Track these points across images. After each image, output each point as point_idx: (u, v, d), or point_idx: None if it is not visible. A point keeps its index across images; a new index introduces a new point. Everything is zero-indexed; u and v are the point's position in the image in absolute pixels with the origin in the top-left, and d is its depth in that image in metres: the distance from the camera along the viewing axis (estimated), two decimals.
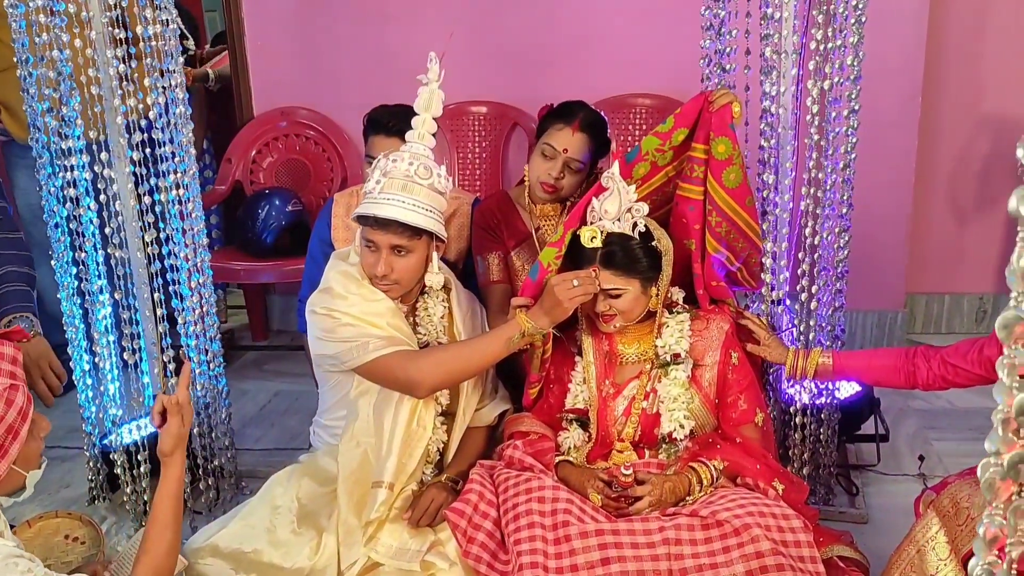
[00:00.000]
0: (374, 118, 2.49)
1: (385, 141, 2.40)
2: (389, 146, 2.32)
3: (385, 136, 2.42)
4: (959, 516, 1.83)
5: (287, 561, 2.06)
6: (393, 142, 2.34)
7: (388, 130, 2.41)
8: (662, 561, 1.83)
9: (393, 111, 2.43)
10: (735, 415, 2.09)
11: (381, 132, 2.44)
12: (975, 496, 1.82)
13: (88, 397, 2.56)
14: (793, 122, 2.25)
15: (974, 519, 1.79)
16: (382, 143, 2.40)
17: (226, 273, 3.59)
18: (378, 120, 2.47)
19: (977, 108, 3.61)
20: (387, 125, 2.42)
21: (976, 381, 1.98)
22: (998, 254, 3.78)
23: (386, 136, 2.42)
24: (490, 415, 2.31)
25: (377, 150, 2.37)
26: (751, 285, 2.25)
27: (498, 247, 2.49)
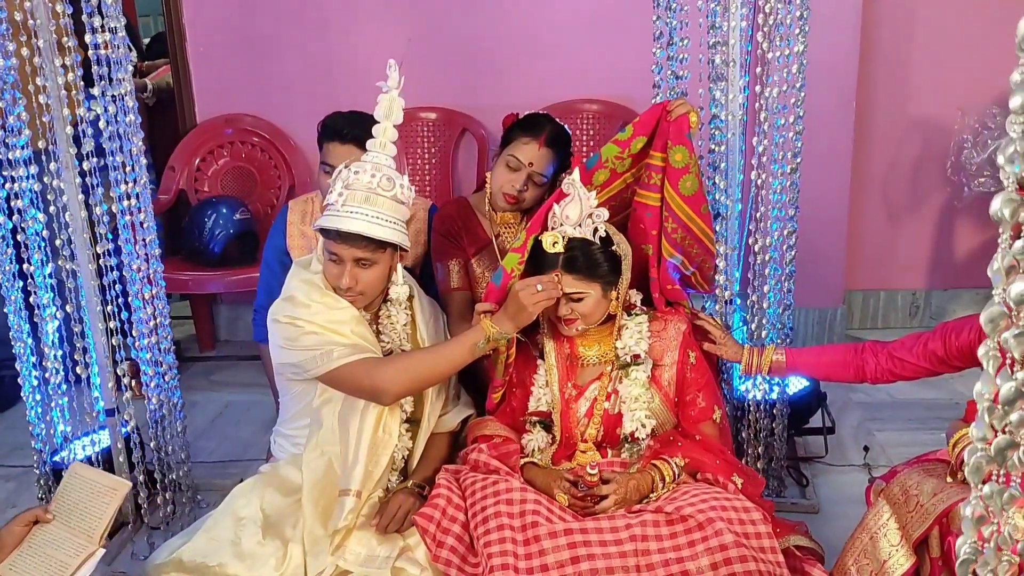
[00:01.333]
0: (328, 125, 2.48)
1: (340, 148, 2.39)
2: (344, 153, 2.32)
3: (340, 143, 2.41)
4: (908, 503, 1.91)
5: (253, 573, 2.03)
6: (348, 149, 2.34)
7: (343, 137, 2.40)
8: (630, 557, 1.87)
9: (348, 118, 2.42)
10: (694, 413, 2.15)
11: (335, 139, 2.43)
12: (923, 483, 1.91)
13: (38, 413, 2.49)
14: (741, 128, 2.32)
15: (923, 505, 1.87)
16: (337, 150, 2.40)
17: (173, 283, 3.51)
18: (332, 127, 2.46)
19: (907, 113, 3.77)
20: (342, 132, 2.41)
21: (921, 373, 2.08)
22: (929, 251, 3.95)
23: (341, 143, 2.41)
24: (453, 421, 2.33)
25: (332, 157, 2.37)
26: (704, 288, 2.32)
27: (458, 254, 2.51)
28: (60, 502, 1.92)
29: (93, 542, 1.84)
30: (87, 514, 1.89)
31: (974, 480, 0.68)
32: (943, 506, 1.83)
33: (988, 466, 0.66)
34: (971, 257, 3.91)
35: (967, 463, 0.70)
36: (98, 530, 1.86)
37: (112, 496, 1.89)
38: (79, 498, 1.92)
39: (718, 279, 2.36)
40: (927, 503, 1.86)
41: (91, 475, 1.97)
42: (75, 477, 1.96)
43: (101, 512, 1.88)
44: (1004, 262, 0.65)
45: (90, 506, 1.90)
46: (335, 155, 2.39)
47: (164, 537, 2.38)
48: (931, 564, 1.90)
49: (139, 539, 2.49)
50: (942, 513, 1.83)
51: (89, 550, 1.83)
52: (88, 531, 1.86)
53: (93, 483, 1.93)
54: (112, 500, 1.89)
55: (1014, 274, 0.64)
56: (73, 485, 1.94)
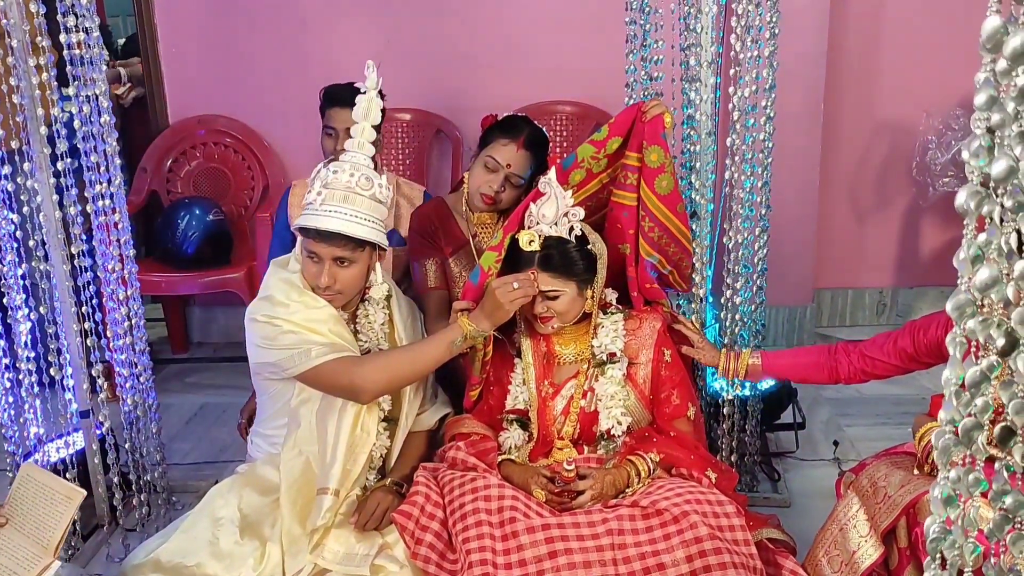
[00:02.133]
0: (330, 93, 2.63)
1: (343, 112, 2.49)
2: (344, 117, 2.43)
3: (341, 107, 2.53)
4: (877, 495, 1.96)
5: (231, 573, 2.03)
6: (348, 113, 2.39)
7: (344, 102, 2.48)
8: (607, 551, 1.90)
9: (347, 86, 2.50)
10: (669, 410, 2.18)
11: (337, 104, 2.56)
12: (891, 475, 1.95)
13: (10, 415, 2.47)
14: (713, 128, 2.36)
15: (890, 496, 1.92)
16: (340, 115, 2.54)
17: (147, 285, 3.47)
18: (335, 94, 2.60)
19: (874, 114, 3.84)
20: (344, 97, 2.48)
21: (892, 371, 2.13)
22: (896, 250, 4.03)
23: (341, 107, 2.54)
24: (431, 419, 2.34)
25: (336, 122, 2.55)
26: (682, 287, 2.35)
27: (435, 253, 2.53)
28: (13, 504, 1.88)
29: (48, 553, 1.81)
30: (41, 522, 1.85)
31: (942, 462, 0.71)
32: (910, 497, 1.88)
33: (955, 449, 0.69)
34: (936, 255, 3.99)
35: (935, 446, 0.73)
36: (53, 540, 1.83)
37: (67, 505, 1.86)
38: (33, 503, 1.87)
39: (692, 277, 2.40)
40: (894, 494, 1.91)
41: (44, 479, 1.92)
42: (28, 480, 1.91)
43: (56, 521, 1.84)
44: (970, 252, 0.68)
45: (44, 513, 1.86)
46: (339, 119, 2.56)
47: (139, 539, 2.37)
48: (899, 554, 1.95)
49: (114, 541, 2.48)
50: (909, 504, 1.87)
51: (44, 562, 1.79)
52: (43, 540, 1.82)
53: (47, 488, 1.89)
54: (67, 509, 1.85)
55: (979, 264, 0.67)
56: (26, 487, 1.90)
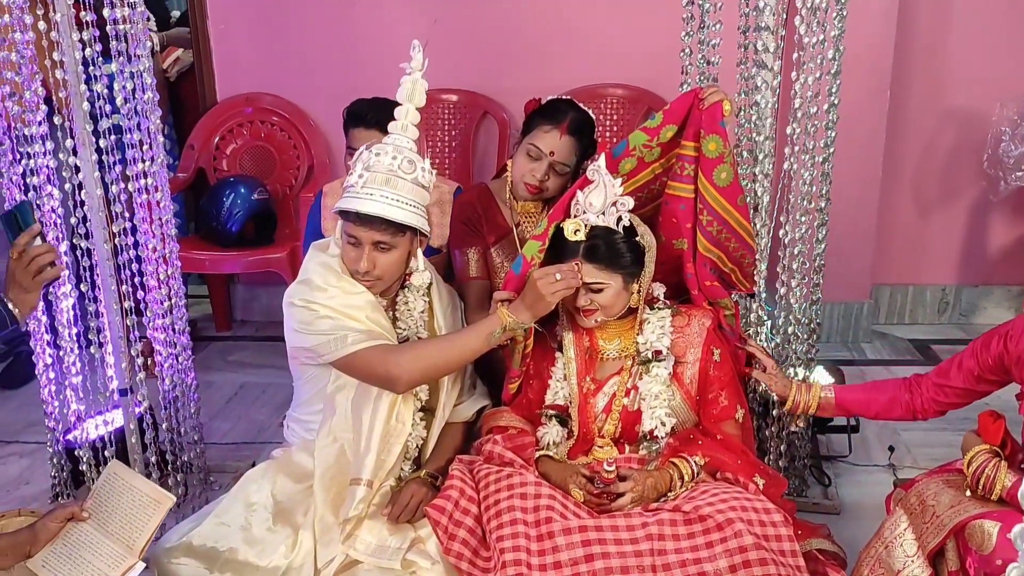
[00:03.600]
0: (353, 111, 2.51)
1: (365, 133, 2.40)
2: (370, 138, 2.31)
3: (365, 128, 2.44)
4: (925, 514, 1.88)
5: (263, 559, 2.02)
6: (373, 134, 2.34)
7: (367, 122, 2.42)
8: (646, 557, 1.83)
9: (371, 103, 2.45)
10: (716, 411, 2.09)
11: (360, 125, 2.47)
12: (941, 495, 1.87)
13: (51, 392, 2.48)
14: (773, 115, 2.25)
15: (939, 516, 1.84)
16: (362, 135, 2.42)
17: (191, 263, 3.49)
18: (357, 113, 2.49)
19: (943, 102, 3.67)
20: (366, 117, 2.43)
21: (964, 397, 2.03)
22: (960, 246, 3.86)
23: (366, 128, 2.44)
24: (468, 411, 2.29)
25: (359, 143, 2.37)
26: (745, 287, 2.23)
27: (478, 242, 2.46)
28: (97, 501, 1.87)
29: (133, 555, 1.79)
30: (127, 522, 1.83)
31: None
32: (959, 519, 1.80)
33: None
34: (1005, 253, 3.82)
35: None
36: (139, 543, 1.81)
37: (156, 509, 1.84)
38: (118, 502, 1.86)
39: None
40: (943, 514, 1.84)
41: (132, 480, 1.90)
42: (114, 478, 1.89)
43: (143, 524, 1.82)
44: None
45: (130, 514, 1.84)
46: (360, 140, 2.41)
47: (176, 518, 2.36)
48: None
49: None
50: (957, 526, 1.79)
51: (129, 562, 1.78)
52: (128, 541, 1.81)
53: (135, 490, 1.87)
54: (156, 513, 1.84)
55: None
56: (112, 485, 1.88)
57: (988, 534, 1.74)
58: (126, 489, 1.86)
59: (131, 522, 1.82)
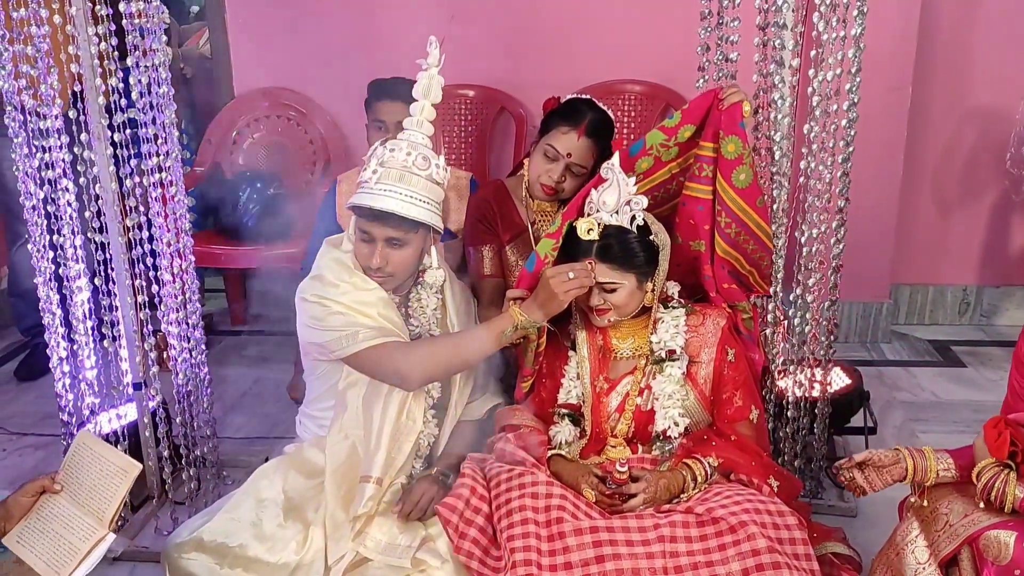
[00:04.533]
0: (379, 84, 2.54)
1: (391, 106, 2.43)
2: (395, 111, 2.35)
3: (390, 101, 2.46)
4: (938, 522, 1.85)
5: (273, 556, 2.02)
6: (398, 107, 2.36)
7: (392, 95, 2.43)
8: (657, 559, 1.81)
9: (396, 78, 2.44)
10: (730, 412, 2.07)
11: (385, 97, 2.48)
12: (954, 503, 1.84)
13: (65, 385, 2.48)
14: (792, 114, 2.22)
15: (952, 525, 1.81)
16: (387, 107, 2.47)
17: (206, 257, 3.51)
18: (383, 86, 2.52)
19: (965, 100, 3.62)
20: (391, 91, 2.43)
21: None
22: (982, 246, 3.81)
23: (391, 101, 2.46)
24: (481, 409, 2.28)
25: (383, 114, 2.45)
26: (763, 289, 2.20)
27: (492, 240, 2.45)
28: (68, 473, 1.86)
29: (103, 525, 1.78)
30: (96, 493, 1.82)
31: None
32: (972, 530, 1.77)
33: None
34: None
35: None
36: (108, 513, 1.80)
37: (122, 478, 1.82)
38: (88, 473, 1.84)
39: None
40: (956, 523, 1.81)
41: (100, 449, 1.88)
42: (83, 448, 1.88)
43: (111, 494, 1.81)
44: None
45: (99, 484, 1.82)
46: (386, 112, 2.47)
47: (188, 513, 2.37)
48: None
49: (163, 514, 2.48)
50: (970, 536, 1.76)
51: (99, 534, 1.77)
52: (97, 512, 1.80)
53: (103, 459, 1.85)
54: (122, 482, 1.82)
55: None
56: (81, 456, 1.87)
57: (1004, 544, 1.71)
58: (94, 459, 1.84)
59: (100, 492, 1.81)
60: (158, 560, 2.21)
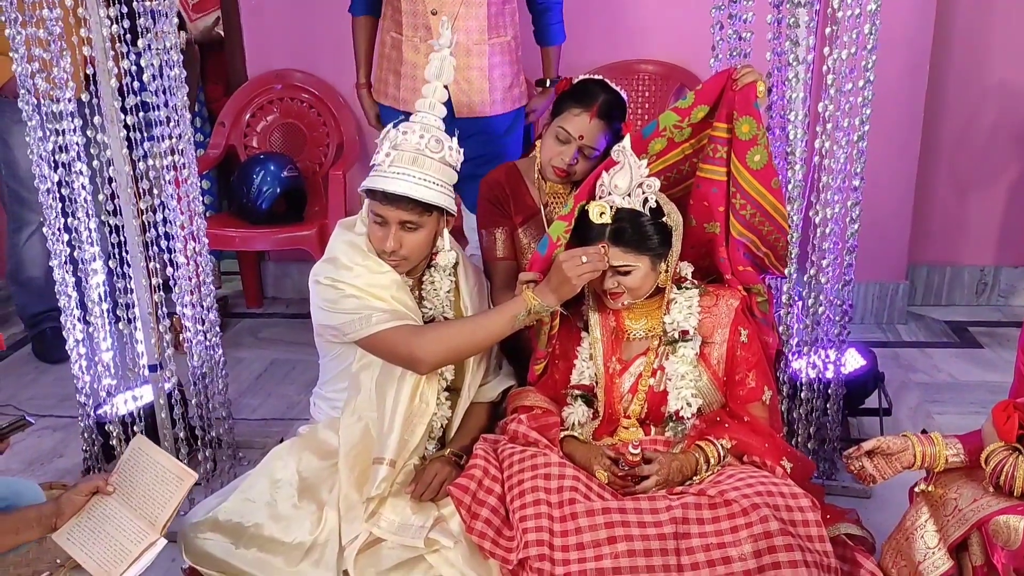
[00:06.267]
0: None
1: None
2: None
3: None
4: (947, 507, 1.84)
5: (288, 535, 2.03)
6: None
7: None
8: (669, 540, 1.81)
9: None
10: (743, 393, 2.06)
11: None
12: (963, 488, 1.83)
13: (82, 367, 2.51)
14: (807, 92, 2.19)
15: (961, 511, 1.80)
16: None
17: (221, 240, 3.52)
18: None
19: (983, 78, 3.57)
20: None
21: None
22: (1000, 226, 3.76)
23: None
24: (494, 391, 2.28)
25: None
26: (778, 270, 2.19)
27: (505, 222, 2.44)
28: (122, 476, 1.87)
29: (155, 531, 1.80)
30: (150, 498, 1.83)
31: None
32: (982, 514, 1.76)
33: None
34: None
35: None
36: (161, 519, 1.81)
37: (178, 486, 1.84)
38: (142, 478, 1.86)
39: None
40: (966, 508, 1.80)
41: (156, 456, 1.90)
42: (139, 453, 1.90)
43: (165, 500, 1.82)
44: None
45: (153, 490, 1.84)
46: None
47: (204, 493, 2.39)
48: (974, 572, 1.82)
49: None
50: (980, 521, 1.76)
51: (151, 538, 1.78)
52: (150, 517, 1.81)
53: (159, 466, 1.87)
54: (178, 490, 1.83)
55: None
56: (136, 461, 1.89)
57: (1014, 529, 1.70)
58: (150, 465, 1.87)
59: (154, 498, 1.83)
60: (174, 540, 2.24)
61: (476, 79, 2.74)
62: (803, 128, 2.20)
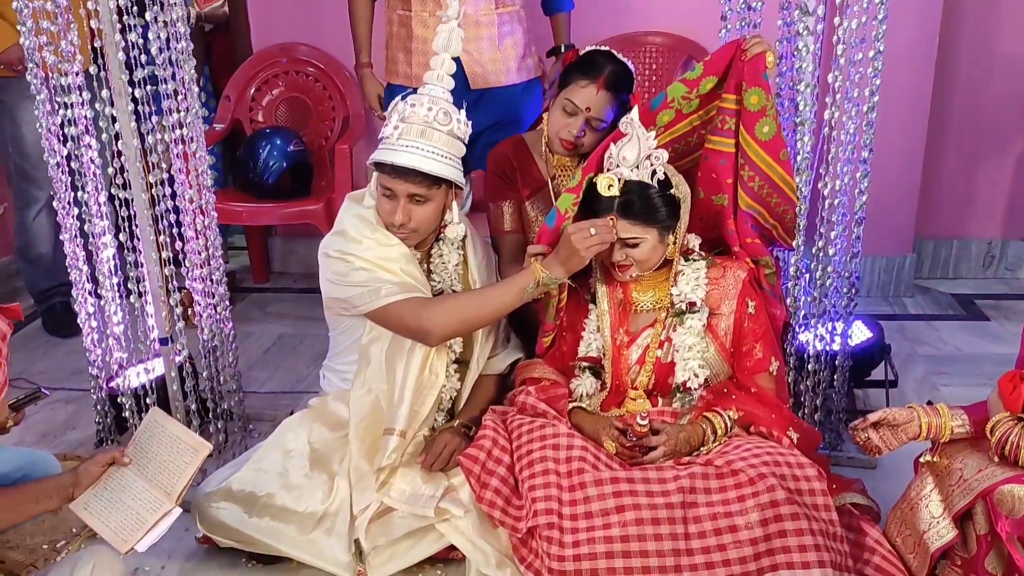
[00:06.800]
0: None
1: None
2: None
3: None
4: (952, 476, 1.86)
5: (300, 505, 2.07)
6: None
7: None
8: (676, 509, 1.83)
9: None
10: (750, 364, 2.07)
11: None
12: (968, 458, 1.85)
13: (94, 340, 2.53)
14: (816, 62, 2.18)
15: (966, 480, 1.82)
16: None
17: (228, 215, 3.52)
18: None
19: (993, 50, 3.54)
20: None
21: None
22: (1008, 199, 3.75)
23: None
24: (502, 364, 2.30)
25: None
26: (786, 243, 2.19)
27: (512, 195, 2.44)
28: (137, 447, 1.90)
29: (171, 500, 1.82)
30: (165, 468, 1.85)
31: None
32: (987, 483, 1.78)
33: None
34: None
35: None
36: (176, 489, 1.83)
37: (193, 456, 1.86)
38: (158, 449, 1.88)
39: None
40: (971, 478, 1.82)
41: (171, 427, 1.92)
42: (154, 424, 1.92)
43: (180, 471, 1.84)
44: None
45: (168, 461, 1.86)
46: None
47: (216, 465, 2.41)
48: (978, 540, 1.84)
49: None
50: (984, 491, 1.77)
51: (166, 507, 1.81)
52: (166, 487, 1.83)
53: (173, 437, 1.89)
54: (192, 460, 1.85)
55: None
56: (152, 432, 1.91)
57: (1019, 498, 1.72)
58: (165, 436, 1.89)
59: (169, 468, 1.85)
60: (187, 510, 2.27)
61: (487, 49, 2.72)
62: (812, 99, 2.19)
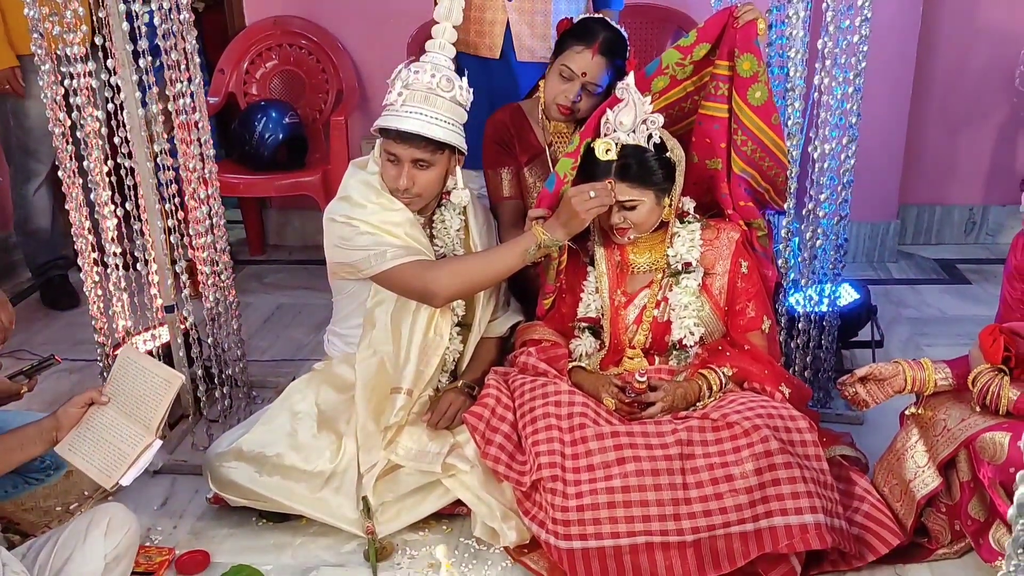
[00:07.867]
0: None
1: None
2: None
3: None
4: (936, 427, 1.95)
5: (308, 464, 2.13)
6: None
7: None
8: (675, 461, 1.91)
9: None
10: (743, 322, 2.15)
11: None
12: (951, 409, 1.94)
13: (99, 309, 2.57)
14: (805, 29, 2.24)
15: (950, 430, 1.91)
16: None
17: (225, 187, 3.49)
18: None
19: (976, 19, 3.60)
20: None
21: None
22: (989, 165, 3.83)
23: None
24: (503, 326, 2.36)
25: None
26: (778, 205, 2.26)
27: (510, 162, 2.49)
28: (114, 386, 1.92)
29: (150, 433, 1.85)
30: (142, 403, 1.88)
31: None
32: (969, 432, 1.86)
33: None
34: None
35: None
36: (154, 421, 1.86)
37: (166, 388, 1.88)
38: (133, 385, 1.90)
39: None
40: (954, 428, 1.90)
41: (144, 362, 1.94)
42: (127, 362, 1.94)
43: (156, 403, 1.87)
44: None
45: (145, 395, 1.89)
46: None
47: (222, 429, 2.47)
48: (961, 487, 1.93)
49: (198, 431, 2.58)
50: (967, 439, 1.86)
51: (146, 440, 1.84)
52: (144, 421, 1.86)
53: (147, 372, 1.91)
54: (166, 392, 1.88)
55: None
56: (126, 370, 1.93)
57: (1000, 445, 1.80)
58: (139, 372, 1.91)
59: (146, 402, 1.87)
60: (197, 472, 2.32)
61: (539, 24, 2.67)
62: (802, 65, 2.25)
